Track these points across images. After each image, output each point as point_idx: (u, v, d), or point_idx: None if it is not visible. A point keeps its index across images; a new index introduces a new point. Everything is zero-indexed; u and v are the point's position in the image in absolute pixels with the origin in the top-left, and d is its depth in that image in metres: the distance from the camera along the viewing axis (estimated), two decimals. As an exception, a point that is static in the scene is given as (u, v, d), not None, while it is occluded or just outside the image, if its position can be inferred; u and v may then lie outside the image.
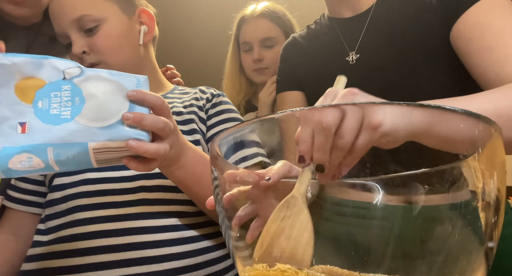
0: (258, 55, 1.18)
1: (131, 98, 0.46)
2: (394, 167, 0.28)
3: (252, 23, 1.20)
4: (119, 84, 0.47)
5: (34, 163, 0.43)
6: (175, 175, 0.58)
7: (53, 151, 0.43)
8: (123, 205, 0.63)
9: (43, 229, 0.65)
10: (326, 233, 0.29)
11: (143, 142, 0.45)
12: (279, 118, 0.29)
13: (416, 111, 0.28)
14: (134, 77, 0.48)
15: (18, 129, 0.43)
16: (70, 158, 0.44)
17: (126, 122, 0.45)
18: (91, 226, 0.60)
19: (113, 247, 0.59)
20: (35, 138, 0.43)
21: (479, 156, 0.25)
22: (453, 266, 0.25)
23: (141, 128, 0.46)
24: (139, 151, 0.45)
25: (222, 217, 0.30)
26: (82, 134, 0.44)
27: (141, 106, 0.47)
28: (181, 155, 0.55)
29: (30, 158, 0.43)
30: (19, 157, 0.42)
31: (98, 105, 0.45)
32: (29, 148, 0.43)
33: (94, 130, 0.44)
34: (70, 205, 0.64)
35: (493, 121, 0.25)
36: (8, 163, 0.42)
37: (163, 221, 0.64)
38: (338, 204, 0.31)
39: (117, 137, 0.45)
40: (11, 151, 0.42)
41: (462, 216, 0.26)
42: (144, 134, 0.46)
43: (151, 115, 0.47)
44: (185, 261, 0.62)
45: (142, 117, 0.46)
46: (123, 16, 0.72)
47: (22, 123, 0.44)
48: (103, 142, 0.44)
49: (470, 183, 0.26)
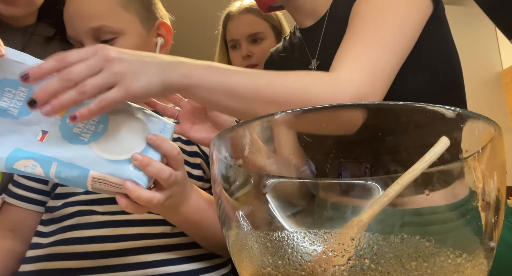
0: (246, 51, 1.15)
1: (150, 142, 0.47)
2: (394, 167, 0.28)
3: (238, 19, 1.18)
4: (145, 125, 0.49)
5: (37, 170, 0.44)
6: (174, 220, 0.58)
7: (57, 167, 0.45)
8: (121, 212, 0.63)
9: (45, 231, 0.65)
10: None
11: (139, 187, 0.46)
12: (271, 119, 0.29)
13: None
14: (162, 123, 0.50)
15: (38, 136, 0.46)
16: (69, 177, 0.45)
17: (133, 163, 0.46)
18: (90, 230, 0.61)
19: (113, 252, 0.59)
20: (47, 150, 0.45)
21: (479, 156, 0.25)
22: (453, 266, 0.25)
23: (145, 172, 0.47)
24: (132, 195, 0.45)
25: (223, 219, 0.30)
26: (89, 160, 0.45)
27: (155, 151, 0.48)
28: (181, 204, 0.55)
29: (35, 165, 0.44)
30: (26, 161, 0.44)
31: (116, 140, 0.47)
32: (37, 157, 0.45)
33: (100, 161, 0.46)
34: (70, 210, 0.64)
35: (493, 121, 0.25)
36: (14, 164, 0.44)
37: (161, 229, 0.64)
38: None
39: (118, 174, 0.46)
40: (22, 154, 0.44)
41: (462, 216, 0.26)
42: (144, 179, 0.47)
43: (158, 163, 0.47)
44: (182, 267, 0.62)
45: (149, 162, 0.46)
46: (142, 30, 0.70)
47: (44, 132, 0.46)
48: (103, 174, 0.45)
49: (470, 183, 0.26)
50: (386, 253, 0.25)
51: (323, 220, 0.27)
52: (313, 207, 0.28)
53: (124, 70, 0.45)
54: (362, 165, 0.29)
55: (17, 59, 0.45)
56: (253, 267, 0.28)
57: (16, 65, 0.44)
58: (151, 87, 0.46)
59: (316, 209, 0.28)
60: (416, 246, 0.26)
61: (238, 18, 1.18)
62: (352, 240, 0.25)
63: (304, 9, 0.74)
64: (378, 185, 0.27)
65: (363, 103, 0.28)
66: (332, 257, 0.25)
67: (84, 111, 0.43)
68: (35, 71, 0.42)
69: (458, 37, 2.52)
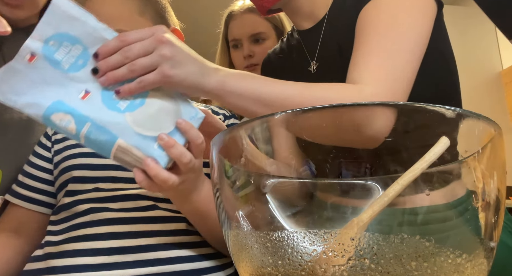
0: (248, 51, 1.15)
1: (179, 126, 0.49)
2: (394, 167, 0.28)
3: (240, 18, 1.17)
4: (178, 109, 0.51)
5: (70, 126, 0.46)
6: (183, 208, 0.59)
7: (89, 127, 0.47)
8: (136, 209, 0.64)
9: (55, 230, 0.65)
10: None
11: (158, 165, 0.48)
12: (270, 119, 0.30)
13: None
14: (194, 111, 0.53)
15: (81, 94, 0.48)
16: (97, 141, 0.47)
17: (159, 142, 0.48)
18: (105, 227, 0.61)
19: (128, 248, 0.60)
20: (86, 109, 0.47)
21: (479, 156, 0.25)
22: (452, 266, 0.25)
23: (167, 153, 0.48)
24: (150, 172, 0.47)
25: (223, 218, 0.30)
26: (120, 128, 0.47)
27: (181, 135, 0.50)
28: (193, 192, 0.56)
29: (70, 121, 0.46)
30: (64, 115, 0.46)
31: (150, 115, 0.49)
32: (75, 113, 0.47)
33: (130, 132, 0.47)
34: (82, 208, 0.64)
35: (493, 121, 0.25)
36: (53, 114, 0.46)
37: (176, 225, 0.64)
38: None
39: (142, 149, 0.48)
40: (62, 107, 0.46)
41: (461, 215, 0.27)
42: (164, 159, 0.48)
43: (181, 147, 0.49)
44: (195, 264, 0.63)
45: (174, 145, 0.48)
46: None
47: (87, 92, 0.48)
48: (130, 145, 0.47)
49: (470, 183, 0.26)
50: (386, 253, 0.25)
51: (323, 220, 0.27)
52: (313, 207, 0.28)
53: (170, 54, 0.49)
54: (362, 165, 0.29)
55: (80, 17, 0.47)
56: (253, 267, 0.28)
57: (77, 22, 0.47)
58: (186, 81, 0.50)
59: (316, 209, 0.28)
60: (416, 246, 0.26)
61: (240, 17, 1.17)
62: (352, 240, 0.25)
63: (302, 12, 0.74)
64: (378, 185, 0.27)
65: (363, 103, 0.28)
66: (332, 257, 0.25)
67: (126, 88, 0.48)
68: (103, 50, 0.48)
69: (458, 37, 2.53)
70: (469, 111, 0.25)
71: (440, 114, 0.26)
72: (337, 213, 0.27)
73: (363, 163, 0.29)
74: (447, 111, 0.25)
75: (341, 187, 0.28)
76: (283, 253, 0.26)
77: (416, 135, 0.27)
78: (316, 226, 0.27)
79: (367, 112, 0.30)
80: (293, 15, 0.77)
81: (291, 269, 0.26)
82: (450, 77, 0.69)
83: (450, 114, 0.25)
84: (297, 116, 0.28)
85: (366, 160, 0.29)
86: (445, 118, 0.26)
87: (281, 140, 0.30)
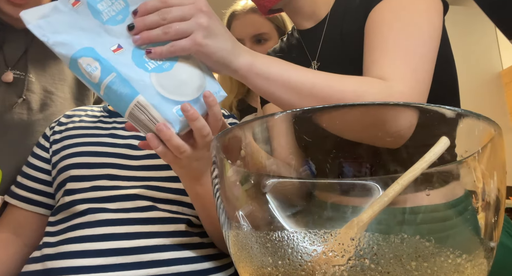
0: None
1: (206, 99, 0.49)
2: (394, 167, 0.28)
3: (243, 18, 1.16)
4: (204, 80, 0.51)
5: (95, 73, 0.47)
6: (195, 190, 0.59)
7: (114, 78, 0.47)
8: (135, 210, 0.63)
9: (53, 231, 0.65)
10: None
11: (171, 130, 0.47)
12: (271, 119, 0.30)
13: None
14: (218, 86, 0.52)
15: (113, 47, 0.49)
16: (117, 93, 0.47)
17: (181, 109, 0.47)
18: (103, 228, 0.60)
19: (127, 250, 0.59)
20: (114, 61, 0.47)
21: (479, 156, 0.25)
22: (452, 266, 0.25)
23: (183, 120, 0.48)
24: (164, 136, 0.46)
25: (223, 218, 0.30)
26: (143, 86, 0.47)
27: (201, 107, 0.50)
28: (204, 173, 0.56)
29: (96, 67, 0.47)
30: (92, 61, 0.47)
31: (175, 80, 0.49)
32: (104, 62, 0.47)
33: (152, 91, 0.47)
34: (80, 208, 0.64)
35: (493, 121, 0.25)
36: (81, 58, 0.47)
37: (175, 226, 0.64)
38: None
39: (161, 110, 0.47)
40: (92, 54, 0.47)
41: (460, 214, 0.27)
42: (178, 125, 0.48)
43: (203, 120, 0.48)
44: (194, 266, 0.62)
45: (197, 117, 0.47)
46: None
47: (120, 46, 0.49)
48: (149, 103, 0.47)
49: (470, 183, 0.26)
50: (386, 253, 0.25)
51: (323, 220, 0.27)
52: (313, 207, 0.28)
53: (207, 24, 0.49)
54: (362, 165, 0.29)
55: None
56: (253, 267, 0.28)
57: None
58: (216, 55, 0.50)
59: (316, 209, 0.28)
60: (416, 246, 0.26)
61: (243, 17, 1.16)
62: (352, 240, 0.25)
63: (303, 11, 0.74)
64: (378, 185, 0.27)
65: (363, 103, 0.28)
66: (332, 257, 0.25)
67: (158, 50, 0.48)
68: (143, 7, 0.49)
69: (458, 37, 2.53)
70: (469, 111, 0.25)
71: (440, 114, 0.26)
72: (337, 213, 0.27)
73: (363, 163, 0.29)
74: (447, 111, 0.25)
75: (341, 187, 0.28)
76: (283, 253, 0.26)
77: (416, 135, 0.27)
78: (316, 226, 0.27)
79: (391, 111, 0.30)
80: (294, 15, 0.77)
81: (291, 269, 0.26)
82: (450, 78, 0.69)
83: (450, 114, 0.25)
84: (297, 116, 0.28)
85: (366, 160, 0.29)
86: (445, 118, 0.26)
87: (281, 140, 0.30)
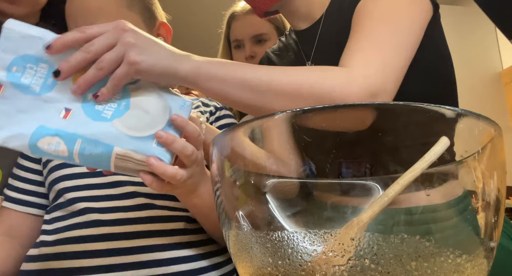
0: (250, 52, 1.15)
1: (174, 122, 0.48)
2: (394, 167, 0.28)
3: (243, 19, 1.17)
4: (166, 102, 0.49)
5: (61, 148, 0.44)
6: (191, 202, 0.59)
7: (81, 144, 0.44)
8: (132, 208, 0.63)
9: (49, 229, 0.65)
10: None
11: (163, 163, 0.46)
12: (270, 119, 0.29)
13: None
14: (181, 100, 0.50)
15: (61, 113, 0.45)
16: (93, 155, 0.45)
17: (157, 140, 0.46)
18: (101, 228, 0.60)
19: (125, 250, 0.59)
20: (71, 126, 0.45)
21: (479, 156, 0.25)
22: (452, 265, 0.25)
23: (167, 149, 0.47)
24: (158, 171, 0.46)
25: (223, 218, 0.30)
26: (113, 137, 0.45)
27: (175, 128, 0.48)
28: (199, 186, 0.56)
29: (59, 143, 0.44)
30: (51, 139, 0.44)
31: (139, 116, 0.47)
32: (62, 133, 0.44)
33: (124, 137, 0.45)
34: (77, 207, 0.63)
35: (493, 121, 0.25)
36: (39, 141, 0.44)
37: (174, 225, 0.64)
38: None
39: (142, 150, 0.46)
40: (46, 131, 0.44)
41: (460, 213, 0.27)
42: (167, 156, 0.47)
43: (182, 140, 0.48)
44: (193, 264, 0.62)
45: (174, 139, 0.46)
46: (144, 28, 0.71)
47: (68, 110, 0.46)
48: (128, 151, 0.45)
49: (470, 183, 0.26)
50: (386, 253, 0.25)
51: (323, 220, 0.27)
52: (313, 207, 0.28)
53: (134, 41, 0.46)
54: (362, 165, 0.29)
55: (37, 34, 0.45)
56: (253, 267, 0.28)
57: (35, 40, 0.44)
58: (157, 66, 0.47)
59: (316, 209, 0.28)
60: (416, 246, 0.26)
61: (242, 18, 1.17)
62: (352, 240, 0.25)
63: (299, 13, 0.75)
64: (378, 185, 0.27)
65: (363, 103, 0.28)
66: (332, 257, 0.25)
67: (104, 91, 0.45)
68: (58, 41, 0.44)
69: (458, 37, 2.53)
70: (469, 111, 0.25)
71: (440, 114, 0.26)
72: (337, 213, 0.27)
73: (363, 163, 0.29)
74: (447, 111, 0.25)
75: (341, 187, 0.28)
76: (283, 253, 0.26)
77: (416, 135, 0.27)
78: (316, 226, 0.27)
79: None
80: (289, 16, 0.77)
81: (291, 269, 0.26)
82: (448, 77, 0.69)
83: (450, 114, 0.25)
84: (297, 116, 0.28)
85: (366, 160, 0.29)
86: (445, 118, 0.26)
87: (281, 140, 0.30)
